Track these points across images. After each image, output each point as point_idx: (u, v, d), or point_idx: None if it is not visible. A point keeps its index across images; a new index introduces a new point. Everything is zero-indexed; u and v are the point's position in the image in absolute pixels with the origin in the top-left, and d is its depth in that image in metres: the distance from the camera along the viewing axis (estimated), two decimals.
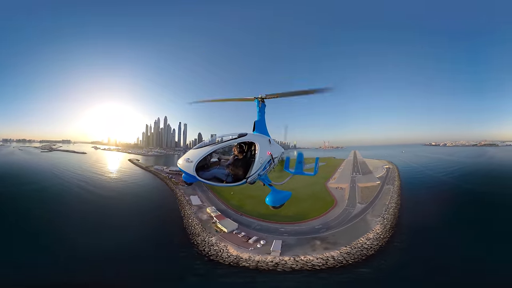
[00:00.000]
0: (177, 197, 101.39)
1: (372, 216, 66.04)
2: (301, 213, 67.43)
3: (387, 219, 62.93)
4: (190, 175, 10.64)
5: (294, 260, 47.32)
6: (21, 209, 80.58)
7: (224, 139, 11.41)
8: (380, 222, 60.53)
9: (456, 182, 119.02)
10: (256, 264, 48.93)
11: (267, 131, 13.90)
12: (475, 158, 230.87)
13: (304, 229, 59.40)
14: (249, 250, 54.26)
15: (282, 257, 48.17)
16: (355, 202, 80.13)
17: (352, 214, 69.19)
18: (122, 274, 48.42)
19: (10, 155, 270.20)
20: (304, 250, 50.58)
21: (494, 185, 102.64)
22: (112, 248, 56.52)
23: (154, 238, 63.45)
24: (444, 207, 72.83)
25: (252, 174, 11.88)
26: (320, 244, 52.45)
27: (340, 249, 49.99)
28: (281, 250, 51.14)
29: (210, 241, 60.75)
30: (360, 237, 53.81)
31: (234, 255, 53.41)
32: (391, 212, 68.17)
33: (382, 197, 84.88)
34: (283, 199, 13.56)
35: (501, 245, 51.63)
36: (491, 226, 60.83)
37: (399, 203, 78.07)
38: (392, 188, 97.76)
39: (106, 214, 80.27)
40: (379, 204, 76.56)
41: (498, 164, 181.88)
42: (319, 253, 48.79)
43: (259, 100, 13.70)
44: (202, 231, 66.46)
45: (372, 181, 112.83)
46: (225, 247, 56.74)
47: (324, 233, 56.98)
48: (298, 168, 16.13)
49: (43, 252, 54.11)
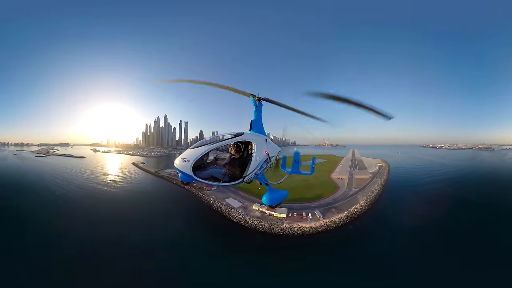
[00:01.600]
0: (212, 205, 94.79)
1: (361, 196, 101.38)
2: (317, 194, 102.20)
3: (370, 198, 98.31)
4: (187, 174, 11.23)
5: (330, 220, 78.17)
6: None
7: (220, 138, 12.01)
8: (365, 200, 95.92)
9: (432, 182, 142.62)
10: (320, 227, 74.60)
11: (263, 130, 14.17)
12: (464, 161, 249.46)
13: (323, 203, 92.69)
14: (308, 222, 76.04)
15: (324, 220, 78.15)
16: (351, 188, 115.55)
17: (349, 194, 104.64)
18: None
19: (1, 160, 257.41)
20: (330, 214, 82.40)
21: (466, 189, 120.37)
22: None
23: (248, 251, 61.06)
24: (412, 199, 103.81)
25: (249, 173, 12.45)
26: (335, 211, 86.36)
27: (343, 213, 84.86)
28: (322, 216, 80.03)
29: (284, 227, 73.18)
30: (352, 207, 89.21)
31: (307, 227, 73.37)
32: (373, 195, 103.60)
33: (371, 185, 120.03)
34: (280, 199, 14.15)
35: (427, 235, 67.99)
36: (432, 219, 77.72)
37: (380, 191, 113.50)
38: (379, 180, 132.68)
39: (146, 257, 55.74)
40: (367, 189, 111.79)
41: (481, 167, 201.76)
42: (336, 215, 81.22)
43: (255, 99, 13.84)
44: (271, 224, 74.73)
45: (366, 174, 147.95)
46: (297, 225, 73.51)
47: (335, 205, 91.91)
48: (295, 167, 16.25)
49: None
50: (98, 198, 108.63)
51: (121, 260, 54.91)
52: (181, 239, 67.27)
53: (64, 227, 71.67)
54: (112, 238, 64.90)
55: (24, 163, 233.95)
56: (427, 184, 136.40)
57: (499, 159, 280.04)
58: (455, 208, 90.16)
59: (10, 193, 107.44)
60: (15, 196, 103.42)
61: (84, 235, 65.94)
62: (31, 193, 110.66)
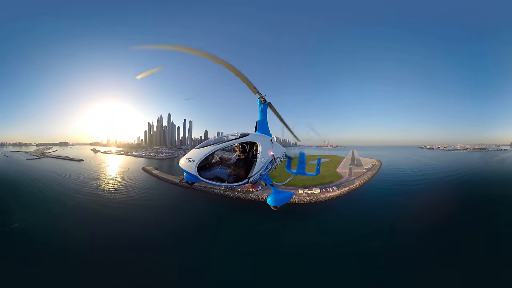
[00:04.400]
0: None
1: (357, 181, 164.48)
2: (330, 181, 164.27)
3: (361, 182, 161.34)
4: (192, 175, 11.34)
5: (340, 191, 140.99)
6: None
7: (226, 139, 12.10)
8: (359, 183, 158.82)
9: (406, 177, 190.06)
10: (336, 195, 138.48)
11: (269, 131, 14.36)
12: (447, 163, 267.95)
13: (335, 184, 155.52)
14: (333, 191, 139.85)
15: (338, 191, 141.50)
16: (351, 176, 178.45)
17: (349, 180, 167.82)
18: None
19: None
20: (340, 189, 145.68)
21: (421, 185, 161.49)
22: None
23: (311, 210, 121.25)
24: (385, 185, 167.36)
25: (254, 174, 12.58)
26: (342, 187, 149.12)
27: (346, 188, 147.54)
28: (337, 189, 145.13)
29: (321, 196, 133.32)
30: (352, 185, 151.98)
31: (331, 195, 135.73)
32: (364, 181, 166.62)
33: (364, 176, 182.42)
34: (285, 199, 14.17)
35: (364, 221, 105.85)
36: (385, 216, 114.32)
37: (369, 179, 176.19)
38: (370, 173, 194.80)
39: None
40: (361, 178, 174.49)
41: (453, 169, 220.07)
42: (343, 189, 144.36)
43: (261, 100, 13.89)
44: (316, 197, 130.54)
45: (361, 169, 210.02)
46: (327, 195, 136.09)
47: (342, 185, 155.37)
48: (300, 168, 16.71)
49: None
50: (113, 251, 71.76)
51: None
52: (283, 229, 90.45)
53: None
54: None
55: (11, 167, 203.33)
56: (402, 178, 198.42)
57: (485, 161, 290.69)
58: (405, 191, 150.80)
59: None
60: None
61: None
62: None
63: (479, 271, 62.74)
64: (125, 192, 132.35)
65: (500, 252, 72.22)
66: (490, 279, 60.32)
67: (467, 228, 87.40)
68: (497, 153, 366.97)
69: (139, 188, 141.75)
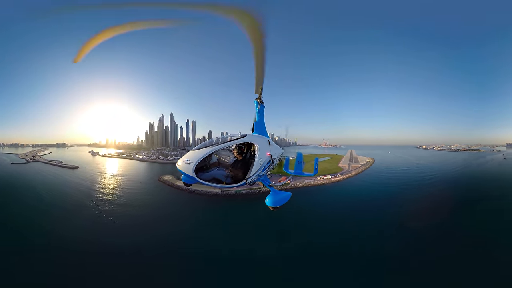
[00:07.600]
0: (298, 186, 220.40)
1: (354, 172, 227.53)
2: (334, 171, 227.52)
3: (356, 172, 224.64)
4: (189, 176, 11.38)
5: (342, 177, 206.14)
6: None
7: (223, 140, 12.22)
8: (354, 172, 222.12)
9: (389, 173, 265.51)
10: (340, 180, 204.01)
11: (266, 132, 14.47)
12: (433, 163, 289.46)
13: (338, 173, 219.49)
14: (337, 177, 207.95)
15: (341, 177, 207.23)
16: (349, 169, 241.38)
17: (348, 171, 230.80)
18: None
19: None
20: (343, 176, 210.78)
21: (395, 181, 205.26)
22: None
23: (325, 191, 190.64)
24: (371, 179, 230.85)
25: (251, 175, 12.63)
26: (344, 175, 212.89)
27: (345, 175, 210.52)
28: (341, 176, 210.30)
29: (331, 180, 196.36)
30: (349, 174, 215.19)
31: (338, 179, 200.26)
32: (359, 171, 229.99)
33: (359, 169, 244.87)
34: (283, 200, 14.12)
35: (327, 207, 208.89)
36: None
37: (362, 171, 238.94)
38: (364, 167, 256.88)
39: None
40: (356, 170, 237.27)
41: (433, 170, 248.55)
42: (344, 176, 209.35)
43: (258, 101, 14.13)
44: (328, 181, 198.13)
45: (357, 164, 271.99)
46: (335, 180, 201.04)
47: (343, 173, 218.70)
48: (298, 168, 16.62)
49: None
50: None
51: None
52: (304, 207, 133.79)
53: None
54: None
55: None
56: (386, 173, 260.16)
57: (468, 163, 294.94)
58: (380, 183, 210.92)
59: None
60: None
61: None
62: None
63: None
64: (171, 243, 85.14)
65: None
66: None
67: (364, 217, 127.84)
68: (486, 155, 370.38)
69: (183, 221, 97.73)
